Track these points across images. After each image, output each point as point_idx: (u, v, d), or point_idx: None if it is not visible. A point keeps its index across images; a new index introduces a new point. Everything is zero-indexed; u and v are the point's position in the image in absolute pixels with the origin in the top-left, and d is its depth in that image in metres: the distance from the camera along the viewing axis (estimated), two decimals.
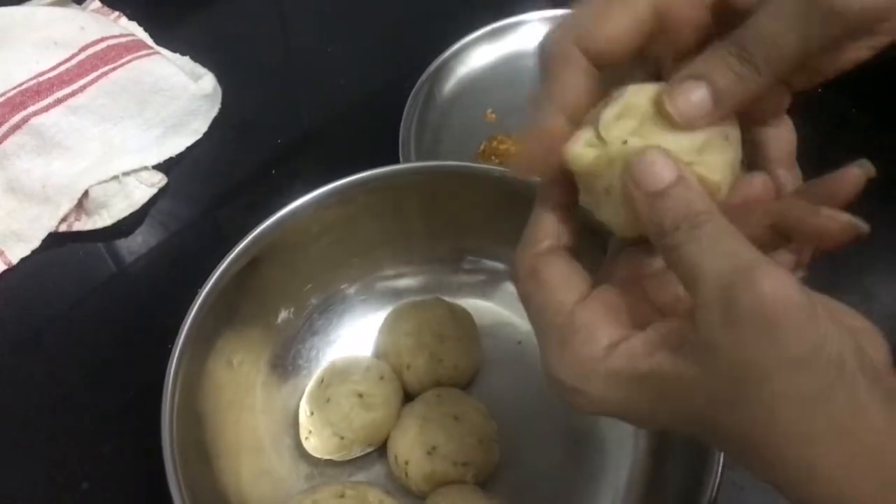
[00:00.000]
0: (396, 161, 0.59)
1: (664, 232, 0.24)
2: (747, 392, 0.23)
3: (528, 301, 0.29)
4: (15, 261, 0.58)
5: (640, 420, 0.27)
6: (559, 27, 0.27)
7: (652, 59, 0.29)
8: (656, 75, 0.29)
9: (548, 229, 0.30)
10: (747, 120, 0.28)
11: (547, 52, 0.28)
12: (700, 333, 0.23)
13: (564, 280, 0.28)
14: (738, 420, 0.23)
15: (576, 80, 0.27)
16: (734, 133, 0.27)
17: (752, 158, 0.29)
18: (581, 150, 0.27)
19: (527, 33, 0.69)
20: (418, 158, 0.59)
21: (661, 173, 0.25)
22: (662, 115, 0.26)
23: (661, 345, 0.25)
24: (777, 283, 0.22)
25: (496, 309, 0.54)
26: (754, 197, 0.29)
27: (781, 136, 0.29)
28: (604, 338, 0.26)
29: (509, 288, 0.54)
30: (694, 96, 0.26)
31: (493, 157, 0.60)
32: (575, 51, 0.27)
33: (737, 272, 0.22)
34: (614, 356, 0.25)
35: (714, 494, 0.39)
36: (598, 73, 0.27)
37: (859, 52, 0.26)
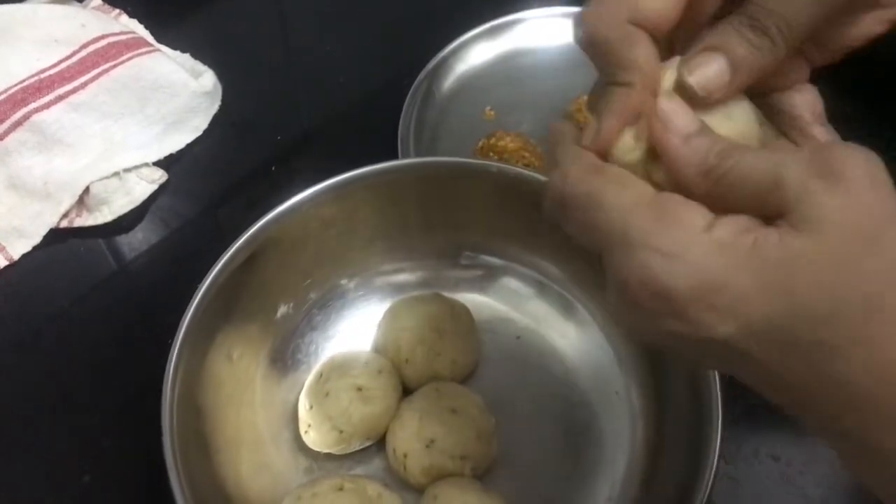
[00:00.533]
0: (395, 158, 0.59)
1: (709, 166, 0.24)
2: (870, 247, 0.22)
3: (590, 199, 0.26)
4: (16, 257, 0.59)
5: (732, 305, 0.23)
6: (599, 4, 0.27)
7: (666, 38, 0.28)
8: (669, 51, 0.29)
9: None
10: (770, 90, 0.28)
11: (598, 32, 0.27)
12: (803, 209, 0.22)
13: (633, 177, 0.26)
14: (860, 278, 0.22)
15: (648, 53, 0.27)
16: (740, 112, 0.27)
17: (783, 126, 0.29)
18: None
19: (525, 31, 0.70)
20: (417, 156, 0.59)
21: (687, 119, 0.25)
22: (682, 93, 0.26)
23: (761, 224, 0.24)
24: (862, 155, 0.23)
25: (494, 304, 0.54)
26: None
27: (807, 99, 0.29)
28: (701, 214, 0.24)
29: (508, 283, 0.54)
30: (711, 68, 0.26)
31: (491, 154, 0.60)
32: (633, 28, 0.26)
33: (820, 153, 0.23)
34: (718, 226, 0.24)
35: (709, 488, 0.40)
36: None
37: (872, 25, 0.26)
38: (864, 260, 0.22)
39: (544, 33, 0.70)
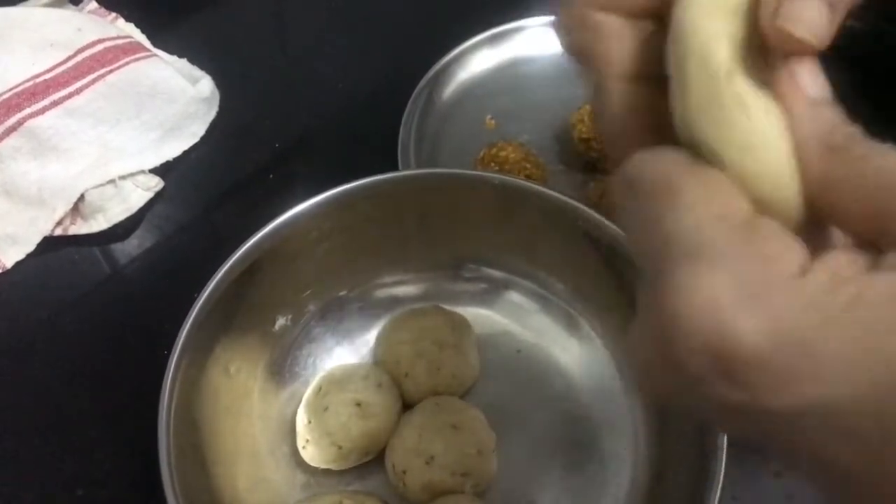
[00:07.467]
0: (395, 167, 0.58)
1: (835, 144, 0.20)
2: None
3: (668, 190, 0.21)
4: (10, 264, 0.58)
5: (812, 374, 0.18)
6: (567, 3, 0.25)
7: None
8: None
9: None
10: None
11: (571, 33, 0.25)
12: None
13: (734, 191, 0.21)
14: None
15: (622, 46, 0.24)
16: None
17: None
18: None
19: (527, 39, 0.69)
20: (418, 165, 0.59)
21: (818, 84, 0.21)
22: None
23: (866, 268, 0.19)
24: None
25: (496, 317, 0.54)
26: None
27: None
28: (797, 252, 0.19)
29: (509, 296, 0.54)
30: (814, 11, 0.20)
31: (492, 164, 0.60)
32: (603, 19, 0.24)
33: None
34: (814, 274, 0.19)
35: None
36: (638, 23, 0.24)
37: None
38: None
39: (546, 42, 0.69)
